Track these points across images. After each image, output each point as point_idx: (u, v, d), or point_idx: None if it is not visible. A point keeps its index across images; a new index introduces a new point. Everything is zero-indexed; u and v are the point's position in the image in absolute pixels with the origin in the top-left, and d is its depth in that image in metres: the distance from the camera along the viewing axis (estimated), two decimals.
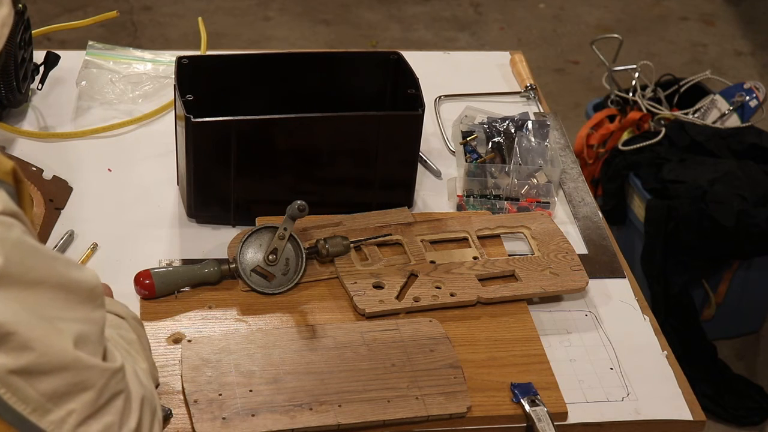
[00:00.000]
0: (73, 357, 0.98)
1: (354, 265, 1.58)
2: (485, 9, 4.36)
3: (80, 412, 0.99)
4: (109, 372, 1.02)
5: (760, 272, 2.72)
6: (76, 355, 0.99)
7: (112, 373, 1.03)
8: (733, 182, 2.60)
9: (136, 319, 1.33)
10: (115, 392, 1.03)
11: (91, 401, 1.00)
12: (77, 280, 1.01)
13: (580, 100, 3.73)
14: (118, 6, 4.06)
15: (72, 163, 1.80)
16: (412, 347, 1.45)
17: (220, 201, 1.67)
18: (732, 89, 2.86)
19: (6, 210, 0.96)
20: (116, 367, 1.03)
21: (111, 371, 1.02)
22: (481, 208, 1.76)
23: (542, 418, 1.38)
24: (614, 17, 4.35)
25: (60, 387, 0.97)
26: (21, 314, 0.95)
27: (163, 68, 2.04)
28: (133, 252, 1.62)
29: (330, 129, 1.66)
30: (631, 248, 2.71)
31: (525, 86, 2.11)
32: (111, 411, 1.02)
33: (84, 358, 0.99)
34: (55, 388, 0.97)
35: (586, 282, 1.61)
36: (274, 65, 1.78)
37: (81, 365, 0.99)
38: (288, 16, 4.23)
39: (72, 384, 0.98)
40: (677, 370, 1.52)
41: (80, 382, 0.99)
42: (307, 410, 1.35)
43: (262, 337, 1.45)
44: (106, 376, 1.01)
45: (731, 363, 2.75)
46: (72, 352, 0.98)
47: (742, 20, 4.38)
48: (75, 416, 0.98)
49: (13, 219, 0.97)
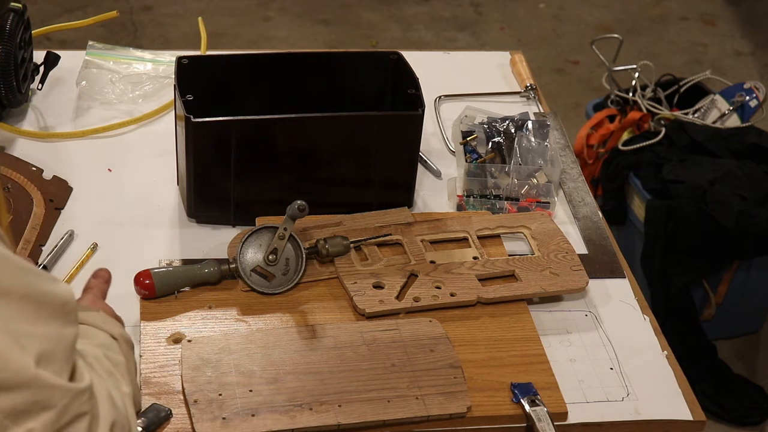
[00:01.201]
0: (33, 375, 0.95)
1: (354, 265, 1.58)
2: (485, 9, 4.36)
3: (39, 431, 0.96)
4: (73, 393, 0.99)
5: (760, 272, 2.72)
6: (36, 373, 0.96)
7: (76, 394, 1.00)
8: (733, 182, 2.60)
9: (128, 342, 1.30)
10: (78, 414, 1.00)
11: (51, 421, 0.97)
12: (49, 293, 0.99)
13: (580, 100, 3.73)
14: (118, 6, 4.06)
15: (72, 163, 1.80)
16: (412, 347, 1.45)
17: (220, 201, 1.67)
18: (732, 89, 2.86)
19: None
20: (81, 388, 1.00)
21: (75, 392, 0.99)
22: (481, 208, 1.76)
23: (542, 418, 1.38)
24: (614, 17, 4.35)
25: (18, 405, 0.95)
26: None
27: (163, 68, 2.04)
28: (133, 252, 1.62)
29: (330, 129, 1.66)
30: (631, 248, 2.71)
31: (525, 86, 2.11)
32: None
33: (45, 376, 0.96)
34: (13, 405, 0.95)
35: (586, 282, 1.61)
36: (274, 65, 1.78)
37: (41, 384, 0.96)
38: (288, 16, 4.23)
39: (31, 402, 0.95)
40: (677, 370, 1.52)
41: (40, 401, 0.96)
42: (307, 410, 1.35)
43: (262, 337, 1.45)
44: (69, 397, 0.98)
45: (731, 363, 2.75)
46: (32, 369, 0.95)
47: (742, 20, 4.38)
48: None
49: None
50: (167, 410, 1.34)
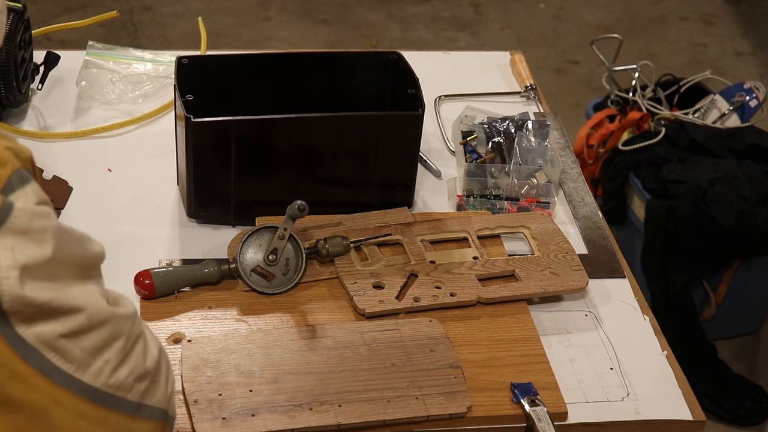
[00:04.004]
0: (111, 311, 1.06)
1: (354, 265, 1.58)
2: (485, 9, 4.36)
3: (114, 359, 1.06)
4: (132, 317, 1.10)
5: (760, 272, 2.72)
6: (112, 309, 1.06)
7: (133, 318, 1.10)
8: (733, 182, 2.60)
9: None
10: (138, 334, 1.10)
11: (122, 347, 1.07)
12: (94, 253, 1.09)
13: (580, 100, 3.73)
14: (118, 6, 4.06)
15: (72, 163, 1.80)
16: (412, 347, 1.45)
17: (220, 201, 1.67)
18: (732, 89, 2.86)
19: (41, 199, 1.02)
20: (133, 311, 1.11)
21: (132, 316, 1.10)
22: (481, 208, 1.76)
23: (542, 418, 1.38)
24: (614, 17, 4.35)
25: (99, 341, 1.04)
26: (64, 287, 1.02)
27: (163, 68, 2.04)
28: (133, 252, 1.62)
29: (330, 129, 1.66)
30: (631, 248, 2.71)
31: (525, 86, 2.11)
32: (135, 352, 1.09)
33: (117, 309, 1.08)
34: (95, 343, 1.04)
35: (586, 282, 1.61)
36: (274, 65, 1.78)
37: (115, 316, 1.07)
38: (288, 16, 4.23)
39: (108, 336, 1.05)
40: (677, 370, 1.52)
41: (114, 332, 1.06)
42: (307, 410, 1.35)
43: (262, 337, 1.45)
44: (130, 322, 1.09)
45: (731, 363, 2.75)
46: (108, 307, 1.06)
47: (742, 20, 4.38)
48: (110, 364, 1.05)
49: (49, 207, 1.03)
50: None
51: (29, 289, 0.99)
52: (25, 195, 1.01)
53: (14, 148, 1.04)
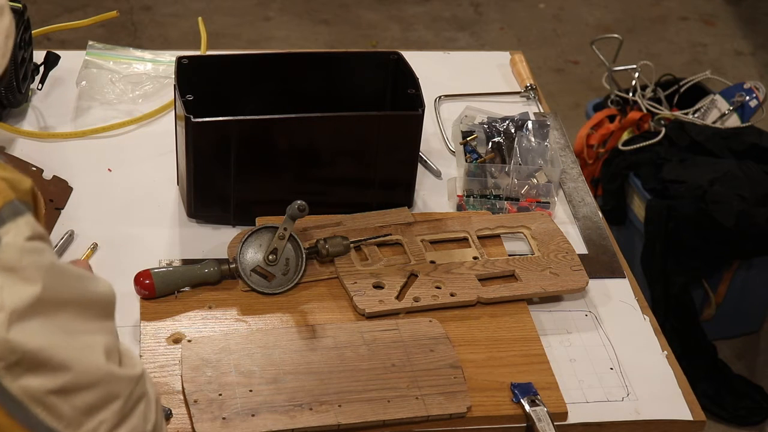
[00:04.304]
0: (106, 371, 1.00)
1: (354, 265, 1.58)
2: (485, 9, 4.36)
3: (110, 421, 1.00)
4: (135, 379, 1.03)
5: (760, 272, 2.72)
6: (108, 369, 1.00)
7: (137, 380, 1.04)
8: (733, 182, 2.60)
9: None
10: (139, 396, 1.04)
11: (120, 409, 1.01)
12: (98, 294, 1.03)
13: (580, 100, 3.73)
14: (118, 6, 4.05)
15: (72, 163, 1.80)
16: (412, 347, 1.45)
17: (220, 201, 1.67)
18: (732, 89, 2.86)
19: (35, 234, 0.96)
20: (139, 373, 1.05)
21: (136, 378, 1.03)
22: (481, 208, 1.76)
23: (542, 418, 1.38)
24: (614, 17, 4.35)
25: (93, 401, 0.98)
26: (56, 336, 0.96)
27: (163, 68, 2.04)
28: (133, 252, 1.62)
29: (330, 129, 1.66)
30: (631, 248, 2.71)
31: (525, 86, 2.11)
32: (136, 415, 1.03)
33: (115, 370, 1.01)
34: (88, 403, 0.98)
35: (586, 282, 1.61)
36: (274, 65, 1.78)
37: (112, 378, 1.00)
38: (288, 16, 4.23)
39: (104, 396, 0.99)
40: (677, 370, 1.52)
41: (111, 393, 1.00)
42: (307, 410, 1.35)
43: (262, 337, 1.45)
44: (132, 384, 1.03)
45: (731, 363, 2.75)
46: (105, 366, 1.00)
47: (742, 20, 4.38)
48: (105, 426, 0.99)
49: (43, 243, 0.98)
50: (167, 410, 1.34)
51: (16, 332, 0.92)
52: (16, 228, 0.95)
53: (10, 178, 0.98)
